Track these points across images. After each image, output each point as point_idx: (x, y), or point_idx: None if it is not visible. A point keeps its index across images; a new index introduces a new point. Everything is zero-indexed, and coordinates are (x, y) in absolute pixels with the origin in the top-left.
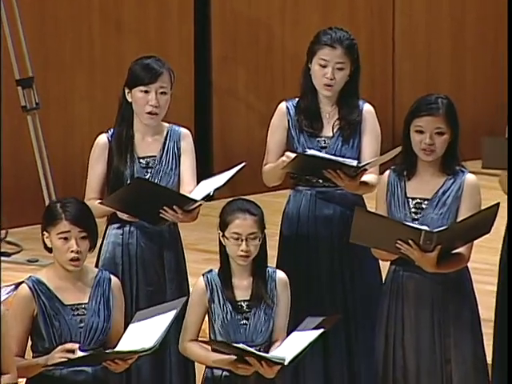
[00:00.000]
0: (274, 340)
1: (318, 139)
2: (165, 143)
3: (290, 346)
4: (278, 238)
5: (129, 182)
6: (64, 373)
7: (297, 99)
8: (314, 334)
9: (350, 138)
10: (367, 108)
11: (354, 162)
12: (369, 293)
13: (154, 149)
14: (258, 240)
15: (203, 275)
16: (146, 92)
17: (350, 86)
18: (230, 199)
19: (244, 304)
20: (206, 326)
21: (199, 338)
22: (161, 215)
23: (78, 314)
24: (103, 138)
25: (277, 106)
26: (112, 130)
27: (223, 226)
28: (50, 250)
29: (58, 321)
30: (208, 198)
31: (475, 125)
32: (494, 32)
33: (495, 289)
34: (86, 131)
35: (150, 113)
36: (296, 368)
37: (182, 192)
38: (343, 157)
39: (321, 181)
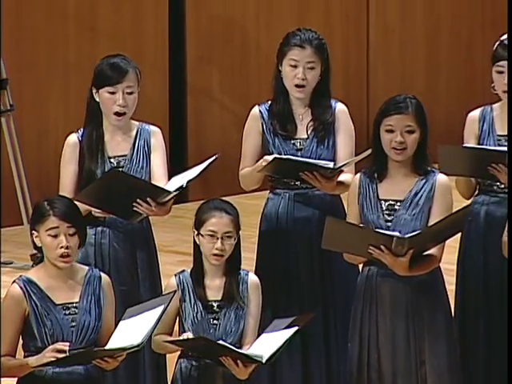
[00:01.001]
0: (244, 343)
1: (293, 141)
2: (135, 142)
3: (265, 346)
4: (253, 240)
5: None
6: (56, 372)
7: (269, 102)
8: (289, 332)
9: (324, 138)
10: (340, 107)
11: (330, 164)
12: (348, 293)
13: (124, 148)
14: (233, 239)
15: (175, 275)
16: (113, 92)
17: (321, 87)
18: (206, 199)
19: (215, 304)
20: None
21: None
22: (134, 209)
23: (69, 314)
24: (73, 138)
25: (251, 109)
26: (82, 129)
27: (199, 224)
28: (39, 250)
29: (50, 320)
30: (181, 190)
31: (449, 126)
32: (468, 33)
33: None
34: (60, 134)
35: (117, 113)
36: (274, 367)
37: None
38: (319, 157)
39: (298, 183)
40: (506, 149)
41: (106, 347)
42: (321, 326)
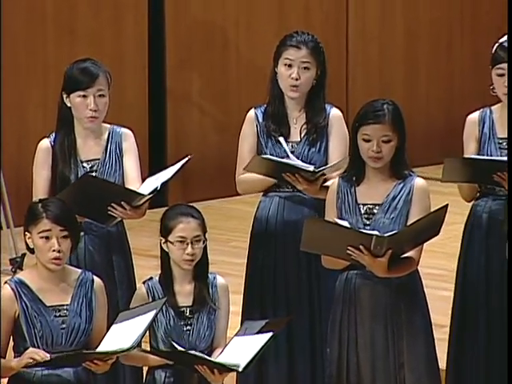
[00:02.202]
0: (215, 346)
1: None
2: (107, 145)
3: (240, 352)
4: (233, 244)
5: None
6: (45, 374)
7: (265, 105)
8: (264, 338)
9: (316, 141)
10: (334, 112)
11: (311, 167)
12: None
13: (96, 152)
14: (201, 243)
15: (143, 283)
16: (84, 96)
17: (316, 90)
18: (170, 206)
19: (187, 310)
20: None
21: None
22: (109, 212)
23: (59, 315)
24: (45, 143)
25: (246, 113)
26: (54, 134)
27: (166, 231)
28: (32, 251)
29: (40, 322)
30: (156, 192)
31: (428, 131)
32: (448, 37)
33: (448, 294)
34: (39, 137)
35: (89, 117)
36: (260, 370)
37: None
38: (311, 161)
39: (290, 186)
40: (505, 158)
41: (97, 350)
42: (307, 329)
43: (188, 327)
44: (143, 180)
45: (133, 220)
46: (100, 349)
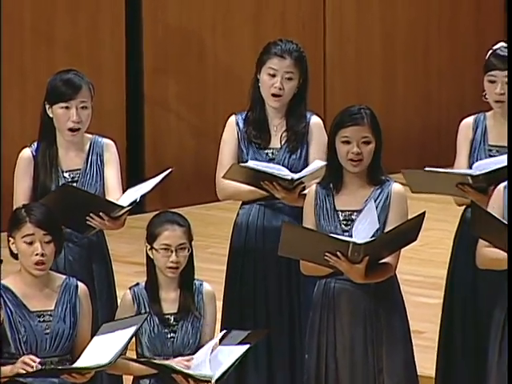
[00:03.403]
0: None
1: (266, 151)
2: (88, 155)
3: (217, 362)
4: (211, 250)
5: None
6: (30, 382)
7: (246, 111)
8: (239, 351)
9: (296, 148)
10: (315, 120)
11: (289, 176)
12: None
13: (78, 162)
14: (186, 251)
15: (130, 289)
16: (67, 108)
17: (297, 98)
18: (157, 213)
19: (171, 317)
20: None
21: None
22: (88, 222)
23: (43, 321)
24: (27, 153)
25: (227, 119)
26: (36, 144)
27: (151, 238)
28: (16, 257)
29: (24, 327)
30: (135, 204)
31: (405, 137)
32: (425, 45)
33: (425, 300)
34: (16, 144)
35: (71, 129)
36: (239, 381)
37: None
38: (291, 167)
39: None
40: (468, 171)
41: (74, 365)
42: (287, 339)
43: (172, 334)
44: (124, 191)
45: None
46: (79, 361)
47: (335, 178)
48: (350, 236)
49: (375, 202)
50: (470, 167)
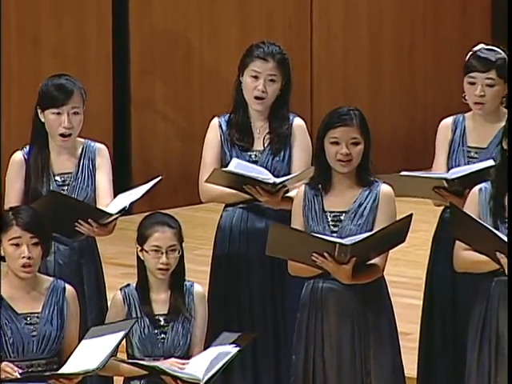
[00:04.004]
0: (191, 354)
1: (249, 153)
2: (80, 159)
3: (206, 364)
4: (198, 251)
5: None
6: None
7: (229, 114)
8: (229, 354)
9: (279, 151)
10: (297, 122)
11: (272, 179)
12: (299, 306)
13: (69, 166)
14: (177, 252)
15: (120, 290)
16: (59, 114)
17: (280, 100)
18: (148, 213)
19: (162, 318)
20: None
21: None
22: (76, 228)
23: (30, 323)
24: (19, 156)
25: (210, 121)
26: (28, 147)
27: (142, 239)
28: (3, 259)
29: (11, 329)
30: (124, 211)
31: (392, 138)
32: (411, 46)
33: (412, 301)
34: (2, 147)
35: (62, 135)
36: (225, 382)
37: (98, 206)
38: (274, 170)
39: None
40: (444, 175)
41: (62, 369)
42: (271, 340)
43: (163, 335)
44: (115, 195)
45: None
46: (67, 366)
47: (324, 179)
48: (339, 237)
49: (364, 202)
50: (449, 168)
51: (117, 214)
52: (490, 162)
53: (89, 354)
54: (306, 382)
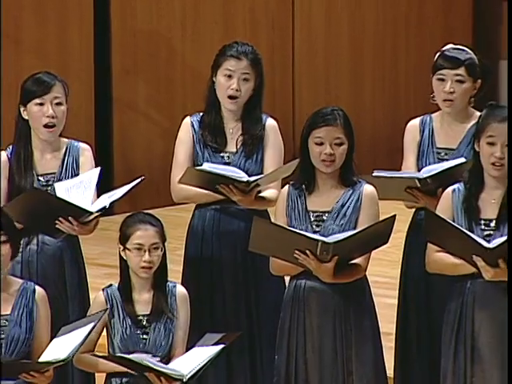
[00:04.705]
0: (173, 355)
1: (221, 154)
2: (64, 159)
3: (190, 362)
4: (179, 252)
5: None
6: None
7: (201, 114)
8: (213, 350)
9: (253, 152)
10: (270, 122)
11: (245, 178)
12: (274, 308)
13: (53, 165)
14: (159, 251)
15: (103, 290)
16: (41, 104)
17: (253, 101)
18: (130, 214)
19: (144, 318)
20: (104, 340)
21: (98, 353)
22: (57, 226)
23: None
24: (3, 156)
25: (182, 121)
26: (11, 147)
27: (124, 238)
28: None
29: None
30: (104, 210)
31: (374, 139)
32: (392, 47)
33: (394, 302)
34: None
35: (47, 125)
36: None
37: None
38: (247, 171)
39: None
40: (416, 174)
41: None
42: (245, 341)
43: (145, 336)
44: (98, 196)
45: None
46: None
47: (307, 179)
48: (321, 236)
49: (346, 202)
50: (419, 170)
51: (97, 212)
52: (461, 160)
53: (59, 348)
54: (288, 382)
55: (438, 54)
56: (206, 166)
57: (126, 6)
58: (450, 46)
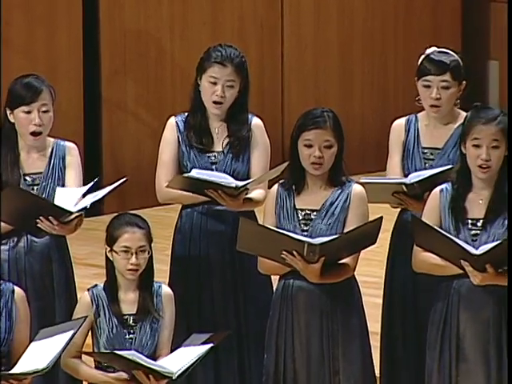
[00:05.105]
0: (158, 355)
1: (208, 155)
2: (50, 159)
3: (178, 360)
4: (168, 252)
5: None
6: None
7: (186, 114)
8: (202, 349)
9: (239, 153)
10: (256, 122)
11: (233, 183)
12: (262, 307)
13: (40, 165)
14: (146, 253)
15: (88, 290)
16: (29, 112)
17: (239, 102)
18: (117, 214)
19: (130, 318)
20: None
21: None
22: (38, 225)
23: None
24: None
25: (167, 120)
26: None
27: (111, 240)
28: None
29: None
30: (84, 210)
31: (363, 139)
32: (381, 47)
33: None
34: None
35: (33, 133)
36: (187, 382)
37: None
38: (234, 171)
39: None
40: (403, 180)
41: (12, 371)
42: (234, 340)
43: (131, 335)
44: (83, 196)
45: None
46: (17, 367)
47: (297, 180)
48: (309, 236)
49: (335, 202)
50: (404, 169)
51: (77, 212)
52: (448, 167)
53: (39, 355)
54: (276, 381)
55: (422, 58)
56: (194, 173)
57: (114, 6)
58: (434, 48)
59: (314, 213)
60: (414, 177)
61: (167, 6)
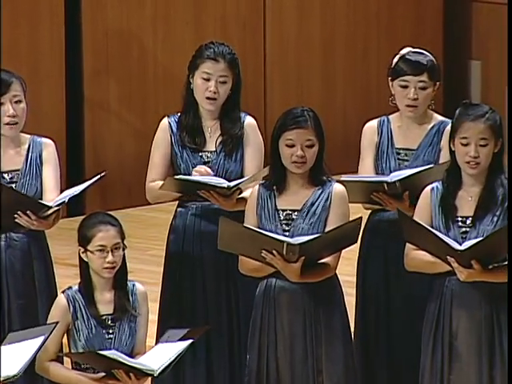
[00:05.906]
0: (136, 353)
1: (200, 154)
2: (27, 156)
3: (158, 358)
4: (151, 252)
5: None
6: None
7: (178, 114)
8: (182, 345)
9: (232, 152)
10: (249, 121)
11: (225, 183)
12: (253, 305)
13: (17, 162)
14: (121, 250)
15: (63, 292)
16: (1, 104)
17: (231, 100)
18: (87, 215)
19: (108, 318)
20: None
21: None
22: (16, 220)
23: None
24: None
25: (160, 121)
26: None
27: (85, 240)
28: None
29: None
30: (63, 205)
31: (345, 138)
32: (364, 45)
33: None
34: None
35: (9, 124)
36: (177, 380)
37: (43, 200)
38: (227, 171)
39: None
40: (384, 178)
41: None
42: (226, 340)
43: (110, 335)
44: (62, 191)
45: (51, 228)
46: None
47: (278, 179)
48: (291, 236)
49: (316, 201)
50: (378, 170)
51: (56, 206)
52: (429, 166)
53: (8, 360)
54: (259, 381)
55: (397, 58)
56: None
57: (97, 5)
58: (409, 49)
59: (296, 213)
60: (396, 175)
61: (150, 5)
